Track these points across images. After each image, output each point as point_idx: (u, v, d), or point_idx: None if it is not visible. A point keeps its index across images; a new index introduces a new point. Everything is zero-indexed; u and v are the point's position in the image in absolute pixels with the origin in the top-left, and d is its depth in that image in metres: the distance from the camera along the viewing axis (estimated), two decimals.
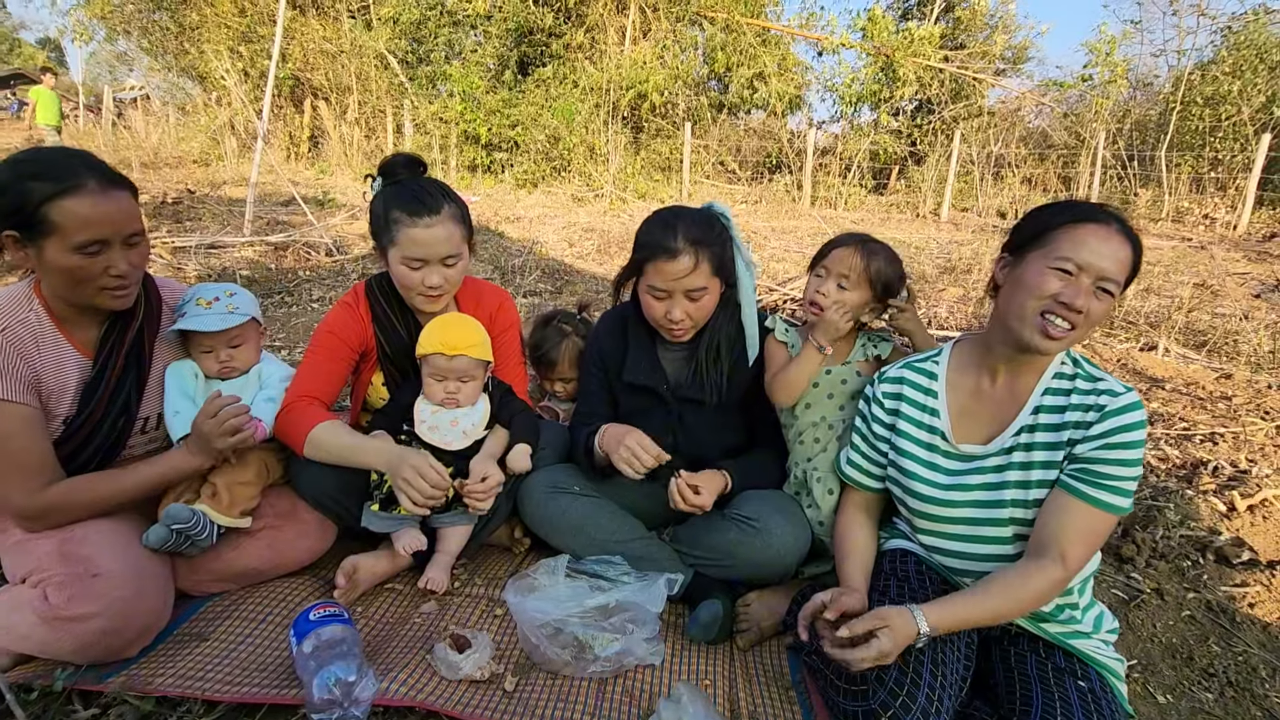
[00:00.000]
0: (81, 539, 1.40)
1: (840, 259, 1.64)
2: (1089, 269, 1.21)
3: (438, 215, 1.63)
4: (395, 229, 1.63)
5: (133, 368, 1.54)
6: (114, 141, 12.84)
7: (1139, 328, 4.65)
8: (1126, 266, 1.24)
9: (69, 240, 1.34)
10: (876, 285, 1.63)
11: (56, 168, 1.35)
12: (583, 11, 13.31)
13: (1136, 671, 1.64)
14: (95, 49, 15.31)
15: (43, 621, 1.29)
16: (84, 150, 1.46)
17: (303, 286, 4.98)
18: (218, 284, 1.70)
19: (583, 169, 12.71)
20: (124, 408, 1.52)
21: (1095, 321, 1.25)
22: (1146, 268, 6.77)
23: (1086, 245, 1.22)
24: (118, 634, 1.33)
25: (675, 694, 1.31)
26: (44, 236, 1.33)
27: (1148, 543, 2.13)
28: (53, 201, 1.32)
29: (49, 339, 1.44)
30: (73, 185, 1.33)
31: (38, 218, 1.32)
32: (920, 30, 13.17)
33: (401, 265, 1.66)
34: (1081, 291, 1.21)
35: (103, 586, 1.32)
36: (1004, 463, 1.36)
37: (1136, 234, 1.26)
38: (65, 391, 1.45)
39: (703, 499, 1.60)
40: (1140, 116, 12.94)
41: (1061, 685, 1.25)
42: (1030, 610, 1.29)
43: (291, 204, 7.86)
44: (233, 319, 1.62)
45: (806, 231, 9.07)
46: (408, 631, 1.56)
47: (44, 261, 1.36)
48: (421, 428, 1.69)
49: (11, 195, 1.32)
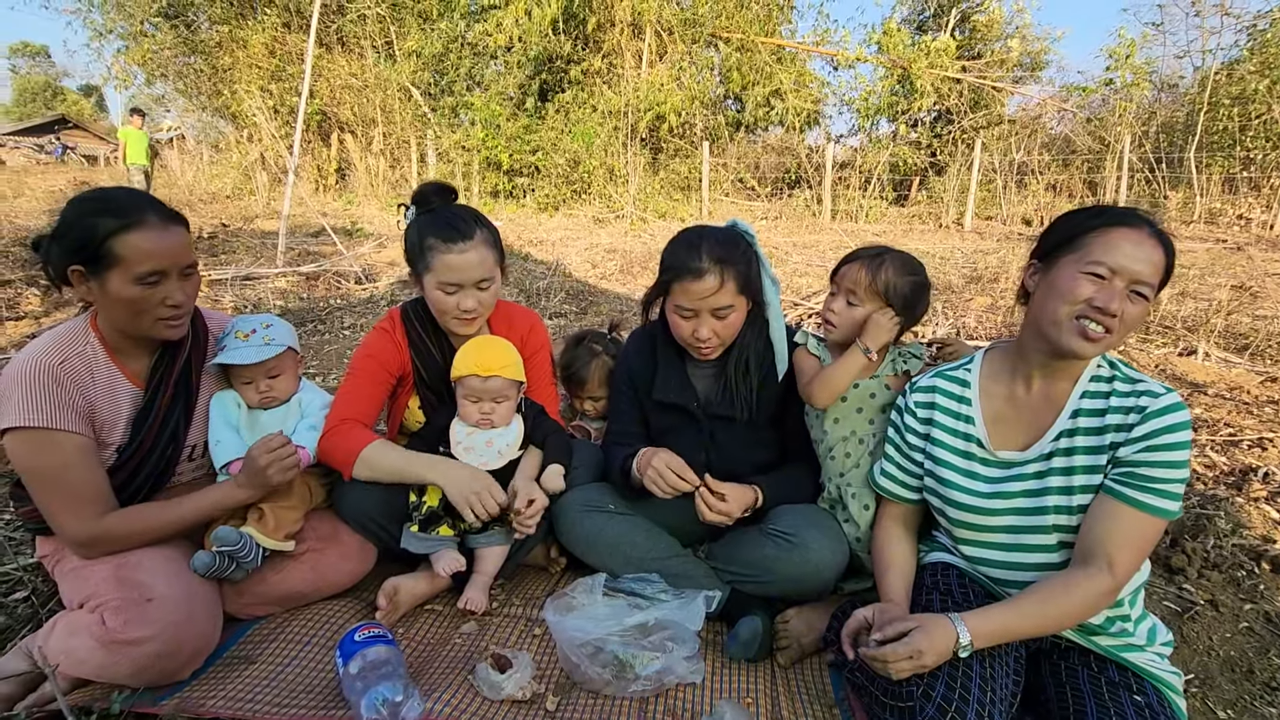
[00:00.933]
0: (136, 564, 1.44)
1: (847, 275, 1.65)
2: (1122, 272, 1.21)
3: (471, 241, 1.68)
4: (430, 255, 1.68)
5: (181, 397, 1.60)
6: (152, 180, 13.32)
7: (1176, 332, 4.54)
8: (1160, 269, 1.22)
9: (131, 272, 1.41)
10: (889, 298, 1.61)
11: (120, 205, 1.43)
12: (600, 38, 13.56)
13: (1194, 686, 1.58)
14: (134, 93, 15.95)
15: (100, 645, 1.33)
16: (142, 190, 1.54)
17: (334, 314, 5.10)
18: (256, 315, 1.75)
19: (603, 191, 12.87)
20: (172, 436, 1.58)
21: (1131, 325, 1.24)
22: (1181, 270, 6.66)
23: (1119, 249, 1.21)
24: (171, 657, 1.36)
25: (718, 712, 1.30)
26: (108, 269, 1.41)
27: (1199, 552, 2.07)
28: (117, 236, 1.39)
29: (103, 370, 1.50)
30: (135, 220, 1.41)
31: (103, 251, 1.39)
32: (936, 41, 13.17)
33: (437, 290, 1.70)
34: (1116, 295, 1.21)
35: (156, 611, 1.36)
36: (1044, 469, 1.34)
37: (1169, 237, 1.25)
38: (118, 421, 1.51)
39: (728, 506, 1.60)
40: (1167, 118, 12.73)
41: (1117, 700, 1.21)
42: (1079, 621, 1.26)
43: (321, 234, 8.08)
44: (268, 350, 1.66)
45: (828, 246, 9.04)
46: (449, 652, 1.58)
47: (107, 293, 1.43)
48: (457, 449, 1.72)
49: (79, 231, 1.40)
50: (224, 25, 13.83)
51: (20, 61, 44.74)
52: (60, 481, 1.40)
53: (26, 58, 44.93)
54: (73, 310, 4.33)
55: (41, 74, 44.54)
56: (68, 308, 4.45)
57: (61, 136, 28.80)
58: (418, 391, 1.86)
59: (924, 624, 1.19)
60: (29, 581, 1.75)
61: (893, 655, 1.17)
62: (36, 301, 4.50)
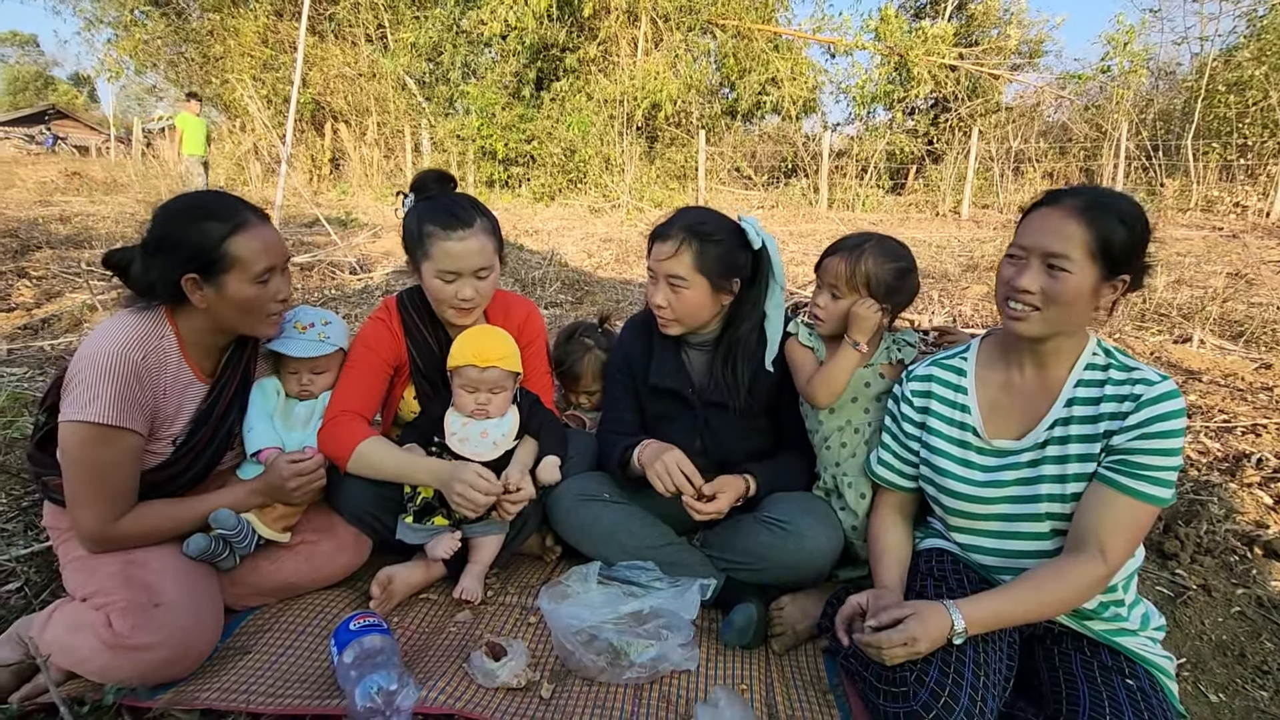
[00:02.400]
0: (144, 563, 1.43)
1: (828, 269, 1.63)
2: (1033, 249, 1.25)
3: (471, 229, 1.66)
4: (429, 243, 1.66)
5: (240, 392, 1.63)
6: (144, 170, 13.20)
7: (1172, 319, 4.55)
8: (1077, 241, 1.21)
9: (249, 272, 1.42)
10: (871, 287, 1.59)
11: (220, 208, 1.44)
12: (595, 25, 13.44)
13: (1186, 670, 1.60)
14: (125, 83, 15.77)
15: (106, 648, 1.31)
16: (219, 189, 1.53)
17: (329, 305, 5.07)
18: (317, 309, 1.77)
19: (598, 180, 12.81)
20: (229, 430, 1.60)
21: (1064, 301, 1.24)
22: (1176, 258, 6.67)
23: (1029, 227, 1.28)
24: (177, 663, 1.36)
25: (713, 698, 1.31)
26: (224, 273, 1.41)
27: (1191, 538, 2.08)
28: (230, 239, 1.40)
29: (174, 366, 1.48)
30: (240, 221, 1.43)
31: (218, 256, 1.40)
32: (933, 29, 13.10)
33: (435, 279, 1.68)
34: (1025, 272, 1.25)
35: (165, 616, 1.35)
36: (1038, 457, 1.34)
37: (1117, 206, 1.23)
38: (179, 417, 1.50)
39: (717, 504, 1.60)
40: (1164, 106, 12.70)
41: (1110, 684, 1.22)
42: (1072, 607, 1.26)
43: (315, 225, 8.02)
44: (322, 348, 1.70)
45: (825, 234, 9.02)
46: (443, 641, 1.58)
47: (223, 296, 1.43)
48: (452, 440, 1.71)
49: (192, 240, 1.39)
50: (215, 13, 13.67)
51: (9, 50, 44.27)
52: (102, 478, 1.38)
53: (16, 47, 44.45)
54: (68, 301, 4.30)
55: (31, 63, 44.09)
56: (59, 299, 4.42)
57: (52, 127, 28.51)
58: (413, 381, 1.85)
59: (919, 611, 1.19)
60: (21, 572, 1.74)
61: (887, 642, 1.17)
62: (28, 294, 4.47)
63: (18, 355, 3.40)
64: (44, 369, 3.20)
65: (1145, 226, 1.25)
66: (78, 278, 4.83)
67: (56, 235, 6.52)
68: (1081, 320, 1.29)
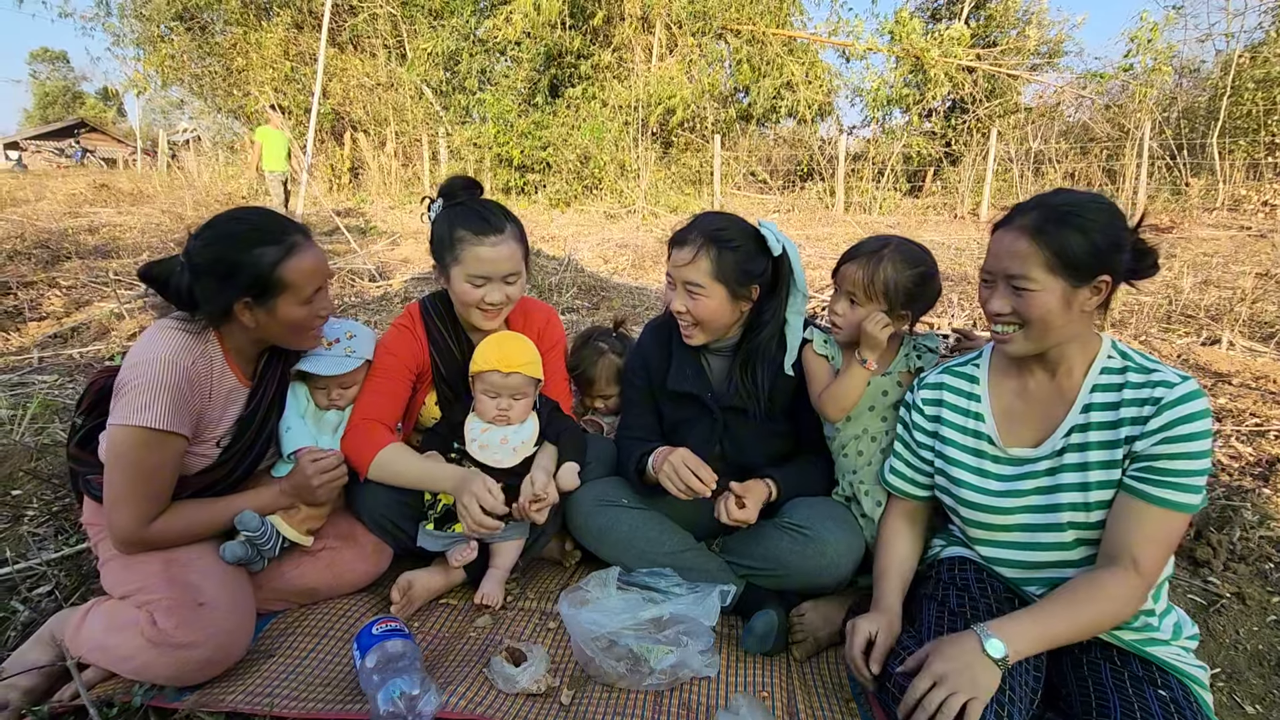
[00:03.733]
0: (186, 563, 1.45)
1: (845, 275, 1.60)
2: (996, 273, 1.27)
3: (502, 235, 1.68)
4: (460, 247, 1.68)
5: (279, 398, 1.66)
6: (169, 182, 13.48)
7: (1199, 321, 4.45)
8: (1033, 260, 1.21)
9: (300, 294, 1.46)
10: (890, 296, 1.56)
11: (273, 230, 1.45)
12: (610, 32, 13.52)
13: (1221, 680, 1.56)
14: (150, 96, 16.12)
15: (150, 645, 1.33)
16: (269, 209, 1.56)
17: (349, 312, 5.13)
18: (344, 322, 1.77)
19: (614, 186, 12.84)
20: (270, 435, 1.64)
21: (1036, 317, 1.24)
22: (1203, 258, 6.54)
23: (991, 250, 1.29)
24: (217, 664, 1.38)
25: (733, 705, 1.30)
26: (276, 296, 1.44)
27: (1224, 545, 2.03)
28: (284, 263, 1.43)
29: (219, 372, 1.51)
30: (292, 244, 1.45)
31: (272, 281, 1.42)
32: (950, 30, 12.99)
33: (465, 283, 1.70)
34: (994, 296, 1.28)
35: (209, 616, 1.37)
36: (1056, 465, 1.31)
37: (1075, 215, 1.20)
38: (223, 420, 1.53)
39: (747, 513, 1.59)
40: (1188, 103, 12.47)
41: (1141, 695, 1.19)
42: (1115, 624, 1.23)
43: (335, 233, 8.13)
44: (348, 364, 1.70)
45: (841, 238, 8.96)
46: (463, 646, 1.58)
47: (275, 318, 1.46)
48: (472, 446, 1.72)
49: (247, 268, 1.41)
50: (238, 27, 13.95)
51: (40, 67, 45.46)
52: (146, 480, 1.40)
53: (46, 63, 45.64)
54: (96, 310, 4.39)
55: (61, 79, 45.23)
56: (88, 308, 4.52)
57: (81, 140, 29.22)
58: (435, 386, 1.86)
59: (936, 646, 1.18)
60: (52, 575, 1.78)
61: (916, 692, 1.13)
62: (58, 303, 4.57)
63: (48, 363, 3.48)
64: (73, 376, 3.27)
65: (1111, 226, 1.21)
66: (105, 287, 4.94)
67: (85, 245, 6.67)
68: (1070, 329, 1.27)
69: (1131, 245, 1.25)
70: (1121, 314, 4.64)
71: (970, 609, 1.34)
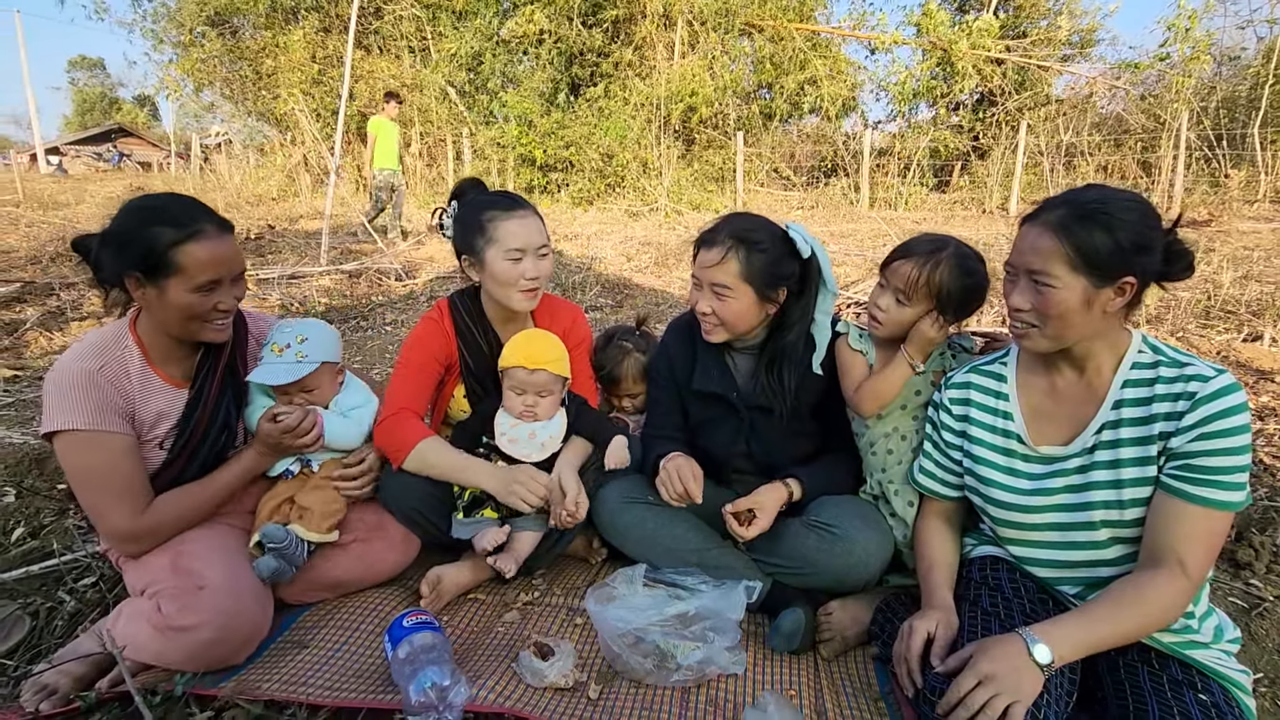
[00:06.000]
0: (190, 553, 1.50)
1: (898, 272, 1.54)
2: (1019, 267, 1.26)
3: (529, 209, 1.77)
4: (492, 226, 1.73)
5: (229, 389, 1.65)
6: (201, 184, 13.80)
7: (1240, 317, 4.32)
8: (1056, 257, 1.19)
9: (191, 281, 1.45)
10: (941, 299, 1.52)
11: (178, 214, 1.46)
12: (631, 30, 13.51)
13: (1264, 685, 1.51)
14: (183, 100, 16.49)
15: (157, 631, 1.39)
16: (193, 197, 1.57)
17: (376, 311, 5.21)
18: (294, 324, 1.71)
19: (636, 184, 12.84)
20: (224, 426, 1.64)
21: (1055, 315, 1.22)
22: (1243, 252, 6.34)
23: (1016, 244, 1.28)
24: (222, 644, 1.42)
25: (761, 702, 1.29)
26: (166, 277, 1.44)
27: (1267, 547, 1.97)
28: (178, 246, 1.42)
29: (138, 375, 1.54)
30: (195, 231, 1.45)
31: (164, 261, 1.42)
32: (978, 21, 12.75)
33: (503, 260, 1.73)
34: (1015, 290, 1.27)
35: (208, 598, 1.42)
36: (1087, 463, 1.29)
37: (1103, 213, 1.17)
38: (159, 421, 1.55)
39: (759, 524, 1.60)
40: (1228, 93, 12.08)
41: (1180, 699, 1.16)
42: (1161, 627, 1.20)
43: (363, 233, 8.25)
44: (300, 369, 1.64)
45: (866, 234, 8.86)
46: (492, 640, 1.60)
47: (163, 300, 1.46)
48: (501, 440, 1.74)
49: (140, 242, 1.42)
50: (266, 30, 14.21)
51: (79, 74, 46.81)
52: (107, 480, 1.45)
53: (84, 70, 46.98)
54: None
55: (98, 85, 46.53)
56: None
57: (118, 144, 30.05)
58: (464, 381, 1.89)
59: (983, 646, 1.15)
60: (97, 568, 1.84)
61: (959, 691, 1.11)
62: (99, 303, 4.71)
63: None
64: None
65: (1141, 227, 1.18)
66: None
67: None
68: (1090, 328, 1.24)
69: (1165, 247, 1.21)
70: (1158, 309, 4.52)
71: (1004, 609, 1.32)
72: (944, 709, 1.12)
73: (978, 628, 1.29)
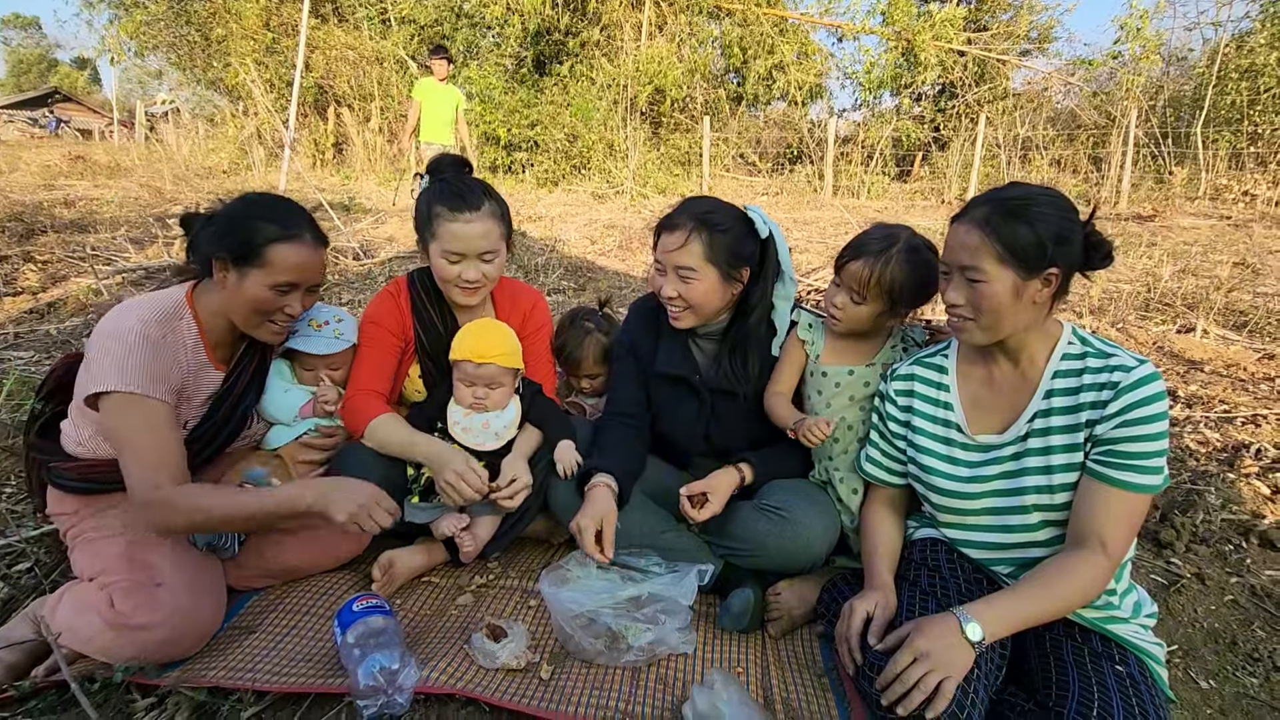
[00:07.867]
0: (147, 545, 1.46)
1: (850, 272, 1.57)
2: (952, 264, 1.31)
3: (477, 212, 1.69)
4: (436, 223, 1.70)
5: (256, 382, 1.69)
6: (147, 154, 13.17)
7: (1175, 309, 4.53)
8: (983, 252, 1.24)
9: (272, 278, 1.49)
10: (894, 295, 1.56)
11: (285, 216, 1.54)
12: (599, 9, 13.30)
13: (1177, 657, 1.62)
14: (126, 66, 15.66)
15: (109, 627, 1.34)
16: (303, 206, 1.62)
17: (332, 290, 5.08)
18: (333, 307, 1.85)
19: (602, 166, 12.72)
20: (243, 416, 1.66)
21: (988, 308, 1.27)
22: (1183, 247, 6.63)
23: (947, 242, 1.33)
24: (176, 644, 1.39)
25: (709, 680, 1.33)
26: (252, 267, 1.49)
27: (1187, 527, 2.09)
28: (275, 244, 1.49)
29: (191, 349, 1.54)
30: (294, 234, 1.52)
31: (257, 252, 1.48)
32: (942, 13, 12.92)
33: (441, 259, 1.72)
34: (950, 286, 1.32)
35: (165, 596, 1.38)
36: (1021, 450, 1.35)
37: (1025, 208, 1.23)
38: (195, 398, 1.56)
39: (711, 507, 1.63)
40: (1174, 92, 12.53)
41: (1099, 670, 1.23)
42: (1084, 604, 1.27)
43: (318, 210, 8.01)
44: (337, 344, 1.79)
45: (829, 222, 8.97)
46: (445, 623, 1.61)
47: (240, 287, 1.49)
48: (455, 429, 1.73)
49: (244, 230, 1.49)
50: None
51: (12, 33, 44.06)
52: (143, 444, 1.40)
53: (18, 29, 44.22)
54: (73, 286, 4.32)
55: (34, 46, 43.88)
56: (64, 283, 4.44)
57: (56, 110, 28.44)
58: (419, 360, 1.87)
59: (919, 624, 1.21)
60: (32, 553, 1.78)
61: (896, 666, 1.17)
62: (34, 278, 4.49)
63: (24, 340, 3.43)
64: (50, 353, 3.23)
65: (1060, 220, 1.23)
66: (82, 262, 4.85)
67: (61, 219, 6.52)
68: (1022, 319, 1.29)
69: (1084, 238, 1.27)
70: (1101, 301, 4.71)
71: (941, 589, 1.38)
72: (882, 684, 1.17)
73: (916, 606, 1.35)
